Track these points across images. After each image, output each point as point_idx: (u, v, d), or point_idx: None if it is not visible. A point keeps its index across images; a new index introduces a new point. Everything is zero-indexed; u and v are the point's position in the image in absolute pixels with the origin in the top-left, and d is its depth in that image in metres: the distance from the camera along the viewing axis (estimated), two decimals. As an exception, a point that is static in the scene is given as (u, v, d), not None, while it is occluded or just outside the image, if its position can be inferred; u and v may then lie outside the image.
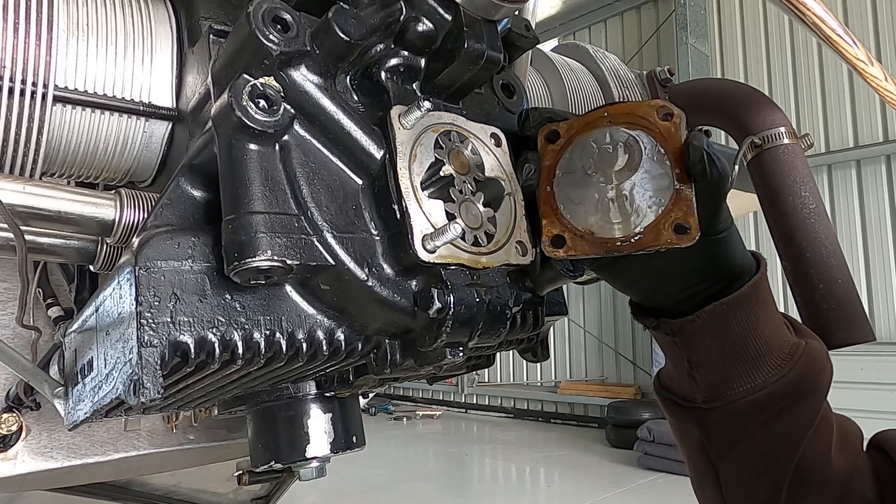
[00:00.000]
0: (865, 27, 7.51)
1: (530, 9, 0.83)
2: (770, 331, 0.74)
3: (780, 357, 0.73)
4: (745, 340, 0.73)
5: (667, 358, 0.78)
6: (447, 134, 0.64)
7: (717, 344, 0.73)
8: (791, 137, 0.96)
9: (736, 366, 0.73)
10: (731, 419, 0.74)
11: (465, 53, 0.63)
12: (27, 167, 0.70)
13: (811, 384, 0.74)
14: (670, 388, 0.79)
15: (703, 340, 0.73)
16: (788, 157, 0.95)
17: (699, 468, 0.79)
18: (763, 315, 0.73)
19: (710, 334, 0.73)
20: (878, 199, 7.52)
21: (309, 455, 0.89)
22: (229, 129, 0.56)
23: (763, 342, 0.73)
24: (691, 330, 0.72)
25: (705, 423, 0.75)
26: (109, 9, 0.73)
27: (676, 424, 0.80)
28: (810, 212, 0.93)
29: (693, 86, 1.12)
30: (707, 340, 0.73)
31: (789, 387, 0.72)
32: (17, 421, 1.06)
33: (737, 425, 0.74)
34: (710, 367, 0.74)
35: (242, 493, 2.21)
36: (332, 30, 0.57)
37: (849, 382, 6.65)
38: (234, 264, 0.53)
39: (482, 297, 0.61)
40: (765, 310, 0.74)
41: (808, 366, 0.74)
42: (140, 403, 0.52)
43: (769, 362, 0.73)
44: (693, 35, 8.49)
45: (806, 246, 0.92)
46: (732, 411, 0.74)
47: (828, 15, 0.74)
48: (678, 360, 0.75)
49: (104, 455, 1.19)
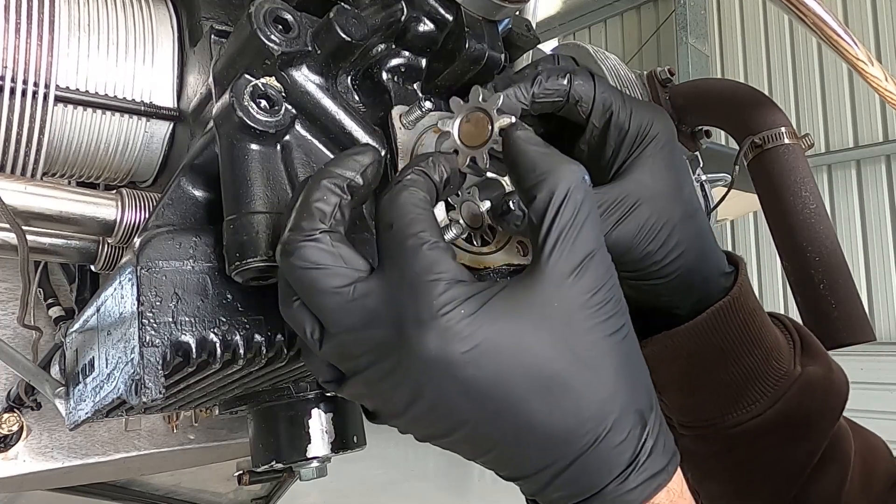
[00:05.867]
0: (865, 27, 7.51)
1: (531, 9, 0.83)
2: (752, 358, 0.66)
3: (761, 389, 0.67)
4: (713, 367, 0.66)
5: None
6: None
7: (678, 370, 0.67)
8: (791, 137, 0.96)
9: (702, 395, 0.67)
10: (702, 448, 0.69)
11: (467, 54, 0.63)
12: (28, 167, 0.70)
13: (801, 421, 0.67)
14: None
15: (660, 366, 0.65)
16: (789, 158, 0.95)
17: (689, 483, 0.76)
18: (739, 339, 0.66)
19: (663, 362, 0.66)
20: (878, 199, 7.53)
21: (309, 455, 0.90)
22: (230, 130, 0.56)
23: (740, 370, 0.66)
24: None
25: (678, 445, 0.71)
26: (111, 9, 0.73)
27: None
28: (811, 212, 0.93)
29: (693, 86, 1.12)
30: (662, 367, 0.66)
31: (767, 425, 0.66)
32: (17, 421, 1.06)
33: (708, 456, 0.69)
34: (673, 394, 0.70)
35: (243, 493, 2.21)
36: (334, 30, 0.57)
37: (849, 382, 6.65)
38: (235, 264, 0.53)
39: (483, 297, 0.61)
40: (742, 334, 0.66)
41: (798, 401, 0.67)
42: (142, 403, 0.52)
43: (750, 394, 0.67)
44: (693, 35, 8.51)
45: (806, 246, 0.92)
46: (702, 440, 0.68)
47: (828, 15, 0.74)
48: None
49: (105, 455, 1.19)
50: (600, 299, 0.46)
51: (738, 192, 1.22)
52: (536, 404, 0.44)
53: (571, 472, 0.46)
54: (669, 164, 0.62)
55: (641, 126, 0.60)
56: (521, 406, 0.44)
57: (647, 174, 0.60)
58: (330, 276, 0.46)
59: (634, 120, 0.60)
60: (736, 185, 1.10)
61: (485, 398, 0.44)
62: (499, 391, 0.44)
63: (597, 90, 0.60)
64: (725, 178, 1.33)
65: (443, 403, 0.45)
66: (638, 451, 0.46)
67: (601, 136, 0.61)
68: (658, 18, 9.27)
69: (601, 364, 0.46)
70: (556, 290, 0.45)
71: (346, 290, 0.46)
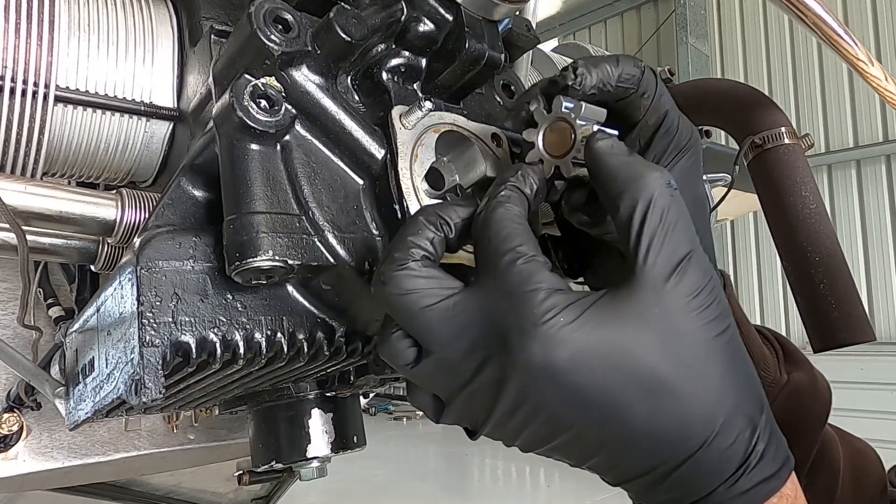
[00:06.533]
0: (865, 27, 7.51)
1: (531, 9, 0.83)
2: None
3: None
4: None
5: None
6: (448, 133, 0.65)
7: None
8: (791, 137, 0.96)
9: None
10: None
11: (466, 54, 0.63)
12: (28, 167, 0.70)
13: (789, 429, 0.65)
14: None
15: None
16: (789, 158, 0.95)
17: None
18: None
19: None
20: (878, 199, 7.53)
21: (309, 455, 0.90)
22: (230, 130, 0.56)
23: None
24: None
25: None
26: (111, 9, 0.73)
27: None
28: (811, 212, 0.93)
29: (693, 86, 1.12)
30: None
31: None
32: (17, 421, 1.06)
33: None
34: None
35: (243, 493, 2.21)
36: (334, 30, 0.57)
37: (849, 382, 6.66)
38: (235, 264, 0.53)
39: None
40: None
41: (785, 408, 0.67)
42: (141, 403, 0.52)
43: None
44: (693, 35, 8.51)
45: (806, 246, 0.92)
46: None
47: (828, 15, 0.74)
48: None
49: (105, 455, 1.19)
50: (702, 301, 0.46)
51: (738, 192, 1.22)
52: (641, 409, 0.45)
53: (679, 476, 0.46)
54: (698, 177, 0.63)
55: (685, 135, 0.61)
56: (626, 411, 0.45)
57: (681, 182, 0.60)
58: (424, 296, 0.47)
59: (682, 127, 0.61)
60: (736, 185, 1.10)
61: (588, 404, 0.45)
62: (602, 397, 0.45)
63: (658, 89, 0.60)
64: (725, 178, 1.33)
65: (546, 409, 0.46)
66: (748, 454, 0.46)
67: (649, 134, 0.61)
68: (658, 18, 9.27)
69: (707, 367, 0.46)
70: (656, 295, 0.45)
71: (441, 304, 0.47)
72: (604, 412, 0.45)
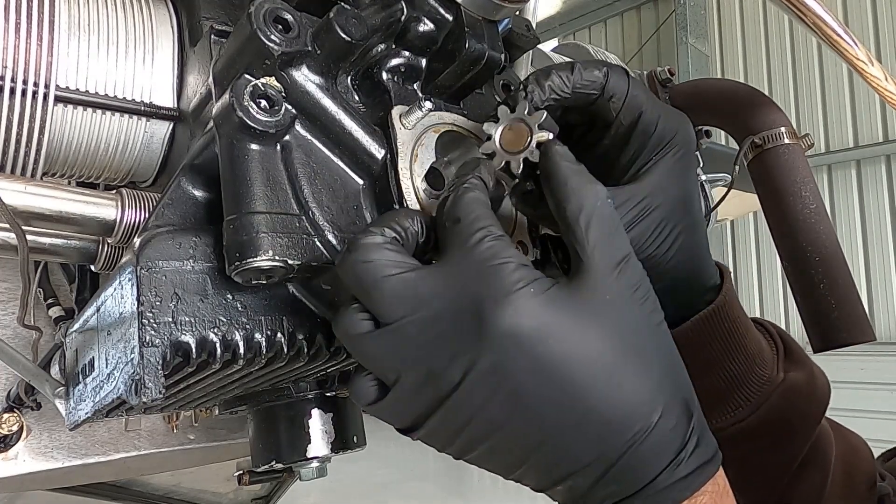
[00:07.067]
0: (865, 27, 7.51)
1: (531, 9, 0.83)
2: (736, 365, 0.67)
3: (744, 396, 0.67)
4: (696, 374, 0.64)
5: None
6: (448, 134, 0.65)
7: None
8: (791, 137, 0.96)
9: None
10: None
11: (466, 54, 0.63)
12: (28, 167, 0.70)
13: (783, 427, 0.67)
14: None
15: None
16: (789, 158, 0.95)
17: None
18: (723, 347, 0.67)
19: None
20: (878, 199, 7.53)
21: (310, 455, 0.90)
22: (230, 130, 0.56)
23: (724, 377, 0.67)
24: None
25: None
26: (111, 9, 0.73)
27: None
28: (811, 212, 0.93)
29: (693, 86, 1.12)
30: None
31: (749, 431, 0.66)
32: (17, 421, 1.06)
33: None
34: None
35: (243, 493, 2.21)
36: (334, 30, 0.57)
37: (849, 382, 6.66)
38: (235, 264, 0.53)
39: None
40: (726, 342, 0.67)
41: (780, 407, 0.67)
42: (142, 403, 0.52)
43: (733, 400, 0.67)
44: (693, 35, 8.50)
45: (806, 246, 0.92)
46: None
47: (828, 15, 0.74)
48: None
49: (105, 455, 1.19)
50: (642, 294, 0.50)
51: (738, 192, 1.22)
52: (596, 389, 0.45)
53: (622, 466, 0.46)
54: (686, 173, 0.63)
55: (666, 131, 0.61)
56: (583, 390, 0.45)
57: (665, 179, 0.61)
58: (387, 266, 0.48)
59: (661, 124, 0.61)
60: (736, 185, 1.10)
61: (552, 377, 0.45)
62: (564, 372, 0.45)
63: (630, 88, 0.60)
64: (725, 178, 1.33)
65: (511, 381, 0.45)
66: (686, 439, 0.47)
67: (626, 135, 0.61)
68: (658, 18, 9.27)
69: (650, 353, 0.48)
70: (605, 284, 0.48)
71: (404, 275, 0.48)
72: (565, 389, 0.45)
